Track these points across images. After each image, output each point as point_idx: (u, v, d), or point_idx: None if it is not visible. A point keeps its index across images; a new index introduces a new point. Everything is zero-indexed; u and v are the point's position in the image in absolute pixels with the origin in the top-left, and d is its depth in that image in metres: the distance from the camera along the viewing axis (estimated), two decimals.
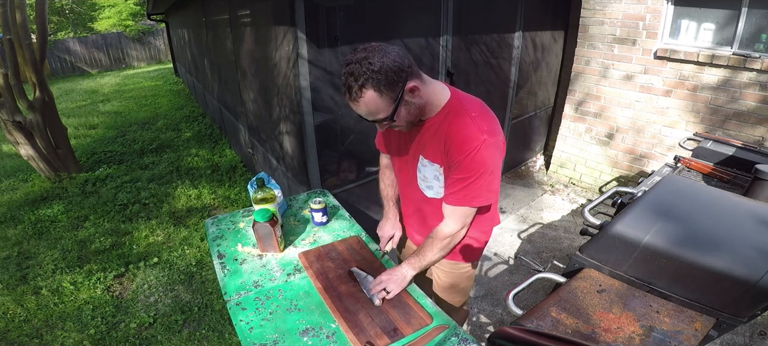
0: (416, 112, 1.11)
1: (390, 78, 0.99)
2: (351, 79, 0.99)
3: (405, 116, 1.09)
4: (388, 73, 0.99)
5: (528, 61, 3.84)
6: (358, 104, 1.03)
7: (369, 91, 0.99)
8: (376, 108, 1.03)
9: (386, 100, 1.02)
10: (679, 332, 1.22)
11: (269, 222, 1.43)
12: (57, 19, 17.00)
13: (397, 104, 1.04)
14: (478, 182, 1.13)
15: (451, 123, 1.13)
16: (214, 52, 4.83)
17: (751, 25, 2.85)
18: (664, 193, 1.56)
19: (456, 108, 1.14)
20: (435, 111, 1.16)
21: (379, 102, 1.02)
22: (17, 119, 4.06)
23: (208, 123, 6.54)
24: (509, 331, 1.12)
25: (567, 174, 4.19)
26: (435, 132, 1.17)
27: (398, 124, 1.12)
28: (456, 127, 1.11)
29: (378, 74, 0.98)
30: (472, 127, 1.09)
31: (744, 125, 2.97)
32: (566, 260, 2.07)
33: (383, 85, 0.99)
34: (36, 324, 2.49)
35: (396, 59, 1.00)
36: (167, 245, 3.27)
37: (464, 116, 1.11)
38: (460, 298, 1.62)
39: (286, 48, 2.39)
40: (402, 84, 1.02)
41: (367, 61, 0.98)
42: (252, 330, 1.17)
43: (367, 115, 1.06)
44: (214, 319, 2.49)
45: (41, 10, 4.22)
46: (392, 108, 1.04)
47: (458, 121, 1.11)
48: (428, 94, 1.12)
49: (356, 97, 1.01)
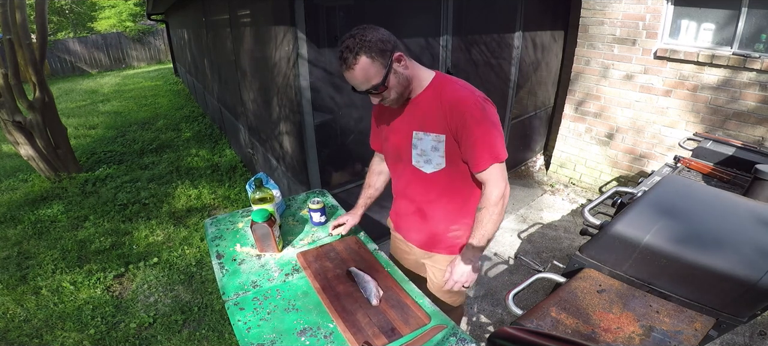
0: (405, 83, 1.22)
1: (380, 46, 1.13)
2: (347, 51, 1.13)
3: (395, 85, 1.20)
4: (378, 42, 1.13)
5: (528, 61, 3.84)
6: (353, 72, 1.14)
7: (362, 57, 1.12)
8: (368, 72, 1.14)
9: (377, 66, 1.14)
10: (679, 332, 1.22)
11: (267, 222, 1.43)
12: (57, 19, 17.03)
13: (388, 71, 1.15)
14: (492, 135, 1.20)
15: (444, 91, 1.23)
16: (214, 52, 4.83)
17: (751, 25, 2.85)
18: (664, 193, 1.55)
19: (443, 81, 1.26)
20: (422, 86, 1.27)
21: (372, 68, 1.14)
22: (17, 119, 4.06)
23: (208, 123, 6.54)
24: (509, 331, 1.12)
25: (567, 174, 4.19)
26: (429, 103, 1.26)
27: (389, 95, 1.21)
28: (451, 92, 1.22)
29: (370, 43, 1.12)
30: (466, 90, 1.22)
31: (744, 125, 2.97)
32: (566, 260, 2.07)
33: (375, 52, 1.13)
34: (36, 324, 2.49)
35: (383, 34, 1.16)
36: (167, 245, 3.27)
37: (454, 84, 1.25)
38: (457, 297, 1.62)
39: (286, 48, 2.39)
40: (390, 53, 1.15)
41: (360, 35, 1.13)
42: (250, 330, 1.17)
43: (362, 82, 1.16)
44: (213, 319, 2.48)
45: (41, 10, 4.22)
46: (383, 73, 1.15)
47: (451, 88, 1.23)
48: (415, 68, 1.25)
49: (352, 64, 1.13)
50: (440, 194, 1.36)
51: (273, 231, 1.45)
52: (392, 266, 1.44)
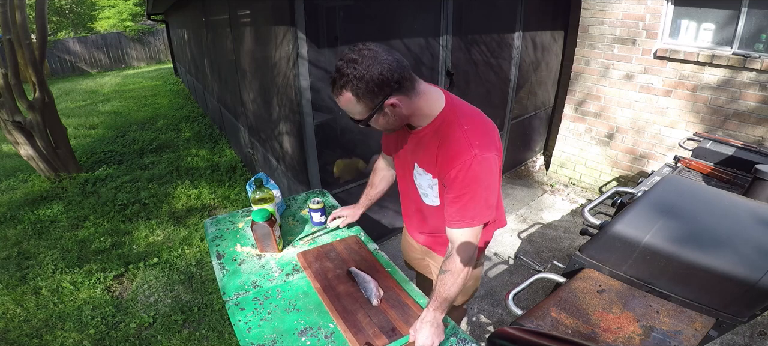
0: (397, 122, 1.11)
1: (370, 89, 1.00)
2: (337, 75, 1.02)
3: (383, 124, 1.10)
4: (369, 83, 0.99)
5: (528, 61, 3.84)
6: (337, 100, 1.06)
7: (347, 93, 1.01)
8: (351, 109, 1.06)
9: (362, 106, 1.03)
10: (678, 332, 1.22)
11: (267, 222, 1.43)
12: (57, 19, 17.04)
13: (374, 113, 1.05)
14: (474, 201, 1.09)
15: (442, 135, 1.11)
16: (214, 52, 4.83)
17: (751, 25, 2.85)
18: (663, 193, 1.56)
19: (448, 120, 1.12)
20: (427, 121, 1.14)
21: (356, 106, 1.04)
22: (17, 119, 4.06)
23: (208, 123, 6.54)
24: (509, 331, 1.12)
25: (567, 174, 4.19)
26: (427, 143, 1.15)
27: (377, 127, 1.13)
28: (447, 141, 1.10)
29: (359, 82, 0.99)
30: (463, 141, 1.07)
31: (744, 125, 2.97)
32: (566, 260, 2.07)
33: (362, 92, 1.00)
34: (36, 324, 2.49)
35: (383, 73, 0.99)
36: (167, 245, 3.27)
37: (456, 128, 1.09)
38: (462, 298, 1.62)
39: (286, 48, 2.39)
40: (382, 97, 1.02)
41: (354, 65, 0.99)
42: (250, 330, 1.17)
43: (346, 111, 1.08)
44: (213, 319, 2.48)
45: (41, 10, 4.22)
46: (367, 115, 1.06)
47: (449, 134, 1.10)
48: (417, 106, 1.10)
49: (336, 93, 1.04)
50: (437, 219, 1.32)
51: (273, 231, 1.46)
52: (392, 266, 1.44)
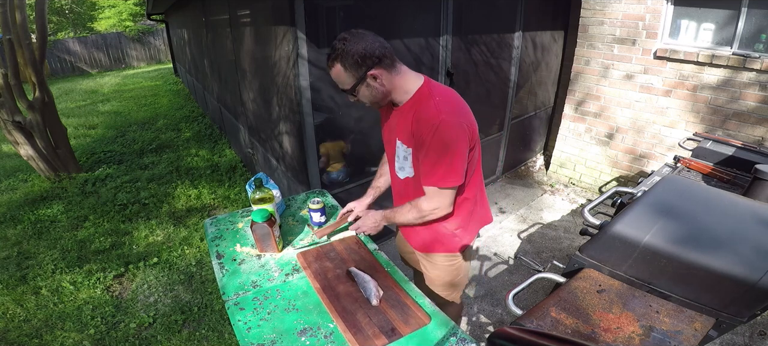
0: (379, 95, 1.28)
1: (355, 60, 1.20)
2: (331, 51, 1.23)
3: (367, 95, 1.28)
4: (354, 56, 1.19)
5: (528, 61, 3.84)
6: (331, 70, 1.25)
7: (337, 65, 1.22)
8: (341, 79, 1.25)
9: (349, 76, 1.23)
10: (678, 332, 1.22)
11: (267, 222, 1.43)
12: (57, 19, 17.04)
13: (358, 83, 1.24)
14: (440, 161, 1.23)
15: (417, 106, 1.28)
16: (214, 52, 4.84)
17: (751, 25, 2.85)
18: (663, 193, 1.55)
19: (424, 94, 1.28)
20: (406, 98, 1.31)
21: (344, 75, 1.23)
22: (17, 119, 4.06)
23: (208, 123, 6.54)
24: (509, 331, 1.12)
25: (567, 174, 4.19)
26: (405, 115, 1.31)
27: (363, 99, 1.30)
28: (419, 109, 1.26)
29: (346, 55, 1.20)
30: (433, 109, 1.22)
31: (744, 125, 2.97)
32: (566, 260, 2.07)
33: (349, 64, 1.21)
34: (36, 324, 2.49)
35: (366, 48, 1.20)
36: (167, 245, 3.27)
37: (429, 100, 1.25)
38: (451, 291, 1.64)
39: (286, 48, 2.39)
40: (365, 69, 1.22)
41: (344, 42, 1.20)
42: (250, 330, 1.17)
43: (336, 81, 1.27)
44: (213, 319, 2.48)
45: (41, 10, 4.22)
46: (352, 84, 1.24)
47: (422, 104, 1.26)
48: (398, 82, 1.28)
49: (329, 66, 1.25)
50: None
51: (273, 231, 1.46)
52: (392, 266, 1.44)
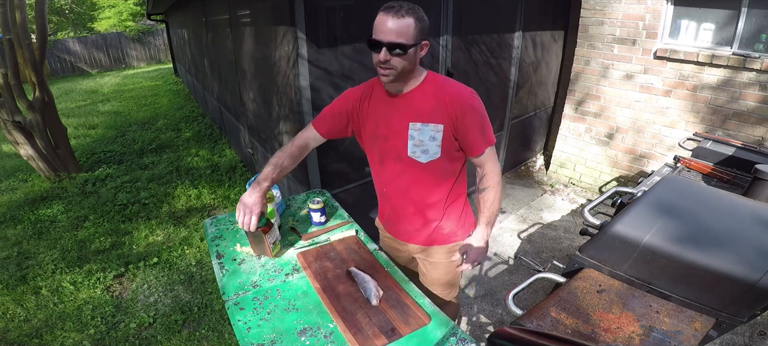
0: (411, 67, 1.28)
1: (423, 25, 1.24)
2: (403, 6, 1.20)
3: (405, 63, 1.25)
4: (424, 22, 1.24)
5: (528, 61, 3.84)
6: (397, 21, 1.19)
7: (410, 18, 1.20)
8: (406, 32, 1.20)
9: (414, 34, 1.21)
10: (678, 332, 1.22)
11: (261, 229, 1.39)
12: (57, 19, 17.04)
13: (414, 45, 1.23)
14: (486, 122, 1.34)
15: (443, 87, 1.33)
16: (214, 52, 4.83)
17: (751, 25, 2.85)
18: (663, 193, 1.55)
19: (438, 78, 1.37)
20: (415, 83, 1.35)
21: (411, 31, 1.20)
22: (17, 119, 4.06)
23: (208, 123, 6.54)
24: (509, 331, 1.12)
25: (567, 174, 4.19)
26: (422, 98, 1.34)
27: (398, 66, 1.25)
28: (451, 87, 1.33)
29: (421, 16, 1.23)
30: (456, 84, 1.35)
31: (744, 125, 2.97)
32: (566, 260, 2.07)
33: (420, 23, 1.22)
34: (36, 324, 2.49)
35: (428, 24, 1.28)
36: (167, 245, 3.27)
37: (447, 80, 1.37)
38: (450, 290, 1.63)
39: (286, 48, 2.39)
40: (423, 38, 1.27)
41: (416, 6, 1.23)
42: (250, 330, 1.17)
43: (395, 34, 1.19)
44: (213, 319, 2.48)
45: (41, 10, 4.22)
46: (412, 44, 1.21)
47: (449, 83, 1.35)
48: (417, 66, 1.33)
49: (399, 15, 1.19)
50: (432, 183, 1.42)
51: (266, 238, 1.42)
52: (392, 266, 1.44)
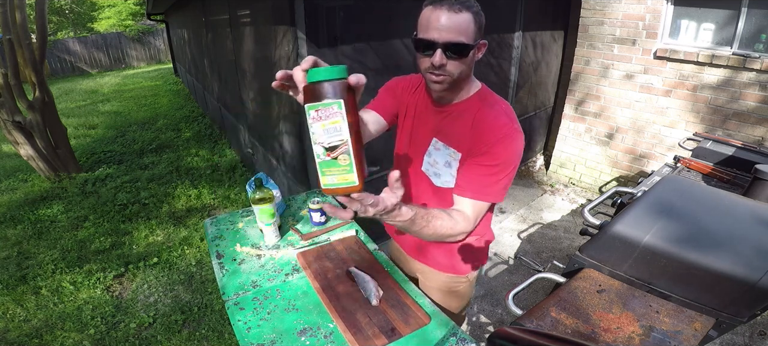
0: (467, 72, 1.08)
1: (481, 22, 1.02)
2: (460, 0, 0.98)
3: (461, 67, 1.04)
4: (482, 16, 1.02)
5: (528, 61, 3.84)
6: (454, 15, 0.97)
7: (467, 13, 0.98)
8: (464, 28, 0.99)
9: (472, 32, 1.00)
10: (678, 332, 1.22)
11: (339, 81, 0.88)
12: (57, 19, 17.04)
13: (473, 46, 1.02)
14: (501, 174, 1.07)
15: (483, 110, 1.10)
16: (214, 52, 4.84)
17: (751, 25, 2.85)
18: (663, 193, 1.55)
19: (489, 99, 1.13)
20: (464, 96, 1.14)
21: (470, 28, 0.99)
22: (17, 119, 4.06)
23: (208, 123, 6.54)
24: (509, 331, 1.12)
25: (567, 174, 4.18)
26: (458, 117, 1.13)
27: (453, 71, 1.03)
28: (488, 115, 1.09)
29: (478, 9, 1.01)
30: (504, 117, 1.08)
31: (744, 125, 2.97)
32: (566, 260, 2.07)
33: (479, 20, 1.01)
34: (36, 324, 2.49)
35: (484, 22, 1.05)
36: (167, 245, 3.27)
37: (496, 106, 1.11)
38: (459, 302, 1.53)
39: (286, 48, 2.39)
40: (480, 37, 1.04)
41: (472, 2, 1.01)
42: (250, 330, 1.17)
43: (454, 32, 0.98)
44: (213, 319, 2.48)
45: (41, 10, 4.22)
46: (470, 43, 1.00)
47: (491, 110, 1.10)
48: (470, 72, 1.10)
49: (457, 8, 0.97)
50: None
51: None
52: (392, 266, 1.44)
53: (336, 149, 0.71)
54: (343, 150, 0.71)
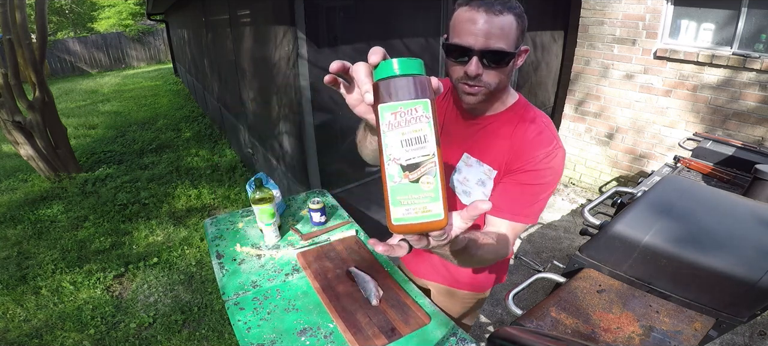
0: (505, 83, 0.95)
1: (524, 26, 0.90)
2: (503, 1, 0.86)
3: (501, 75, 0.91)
4: (525, 19, 0.89)
5: (528, 61, 3.84)
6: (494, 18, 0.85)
7: (510, 16, 0.86)
8: (507, 32, 0.86)
9: (514, 38, 0.88)
10: (678, 332, 1.22)
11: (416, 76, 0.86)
12: (57, 19, 17.03)
13: (517, 49, 0.90)
14: (542, 194, 0.97)
15: (523, 125, 0.99)
16: (214, 52, 4.83)
17: (751, 25, 2.85)
18: (663, 193, 1.55)
19: (530, 114, 1.01)
20: (500, 108, 1.02)
21: (511, 32, 0.87)
22: (17, 119, 4.06)
23: (208, 123, 6.54)
24: (509, 331, 1.12)
25: (567, 174, 4.18)
26: (495, 131, 1.02)
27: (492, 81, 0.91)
28: (529, 130, 0.98)
29: (521, 11, 0.89)
30: (548, 133, 0.97)
31: (744, 125, 2.97)
32: (566, 260, 2.07)
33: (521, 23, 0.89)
34: (36, 324, 2.49)
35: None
36: (167, 245, 3.27)
37: (538, 121, 0.99)
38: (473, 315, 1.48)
39: (286, 48, 2.39)
40: (522, 42, 0.92)
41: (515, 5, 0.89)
42: (250, 330, 1.17)
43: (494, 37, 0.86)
44: (213, 319, 2.48)
45: (41, 10, 4.22)
46: (512, 49, 0.88)
47: (532, 124, 0.99)
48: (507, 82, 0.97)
49: (496, 12, 0.85)
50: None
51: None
52: (392, 266, 1.44)
53: (418, 168, 0.50)
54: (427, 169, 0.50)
